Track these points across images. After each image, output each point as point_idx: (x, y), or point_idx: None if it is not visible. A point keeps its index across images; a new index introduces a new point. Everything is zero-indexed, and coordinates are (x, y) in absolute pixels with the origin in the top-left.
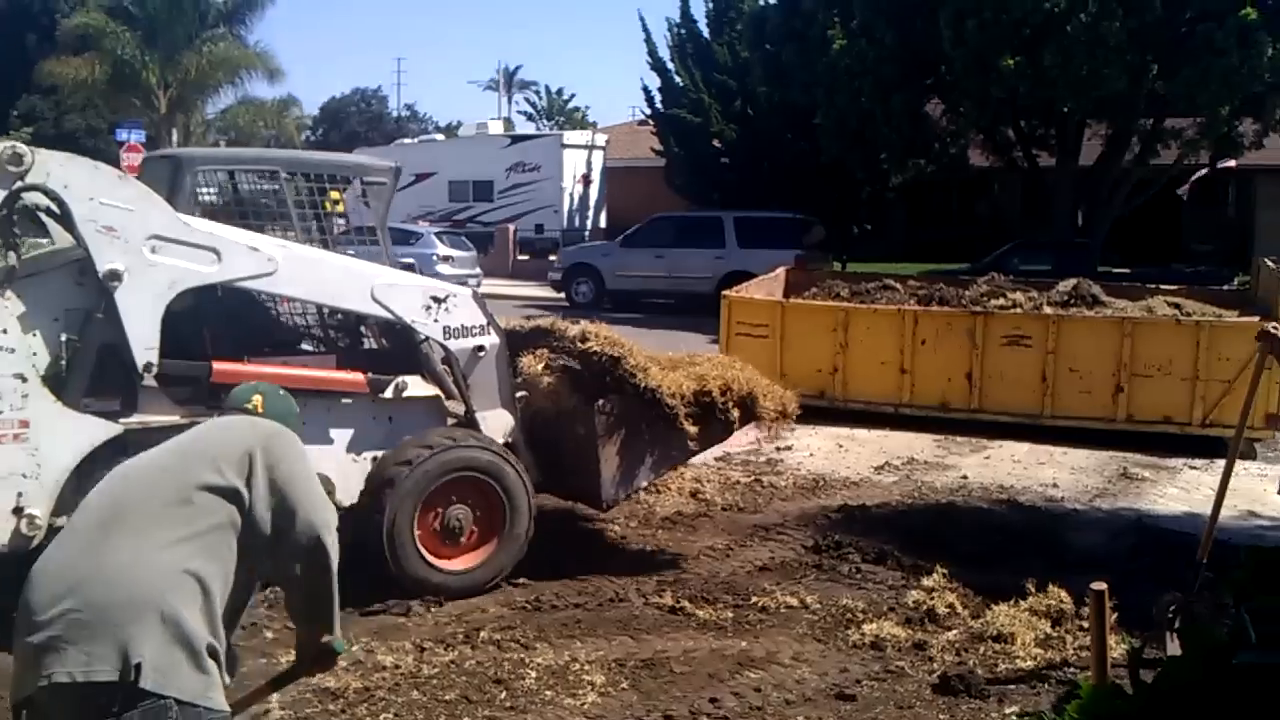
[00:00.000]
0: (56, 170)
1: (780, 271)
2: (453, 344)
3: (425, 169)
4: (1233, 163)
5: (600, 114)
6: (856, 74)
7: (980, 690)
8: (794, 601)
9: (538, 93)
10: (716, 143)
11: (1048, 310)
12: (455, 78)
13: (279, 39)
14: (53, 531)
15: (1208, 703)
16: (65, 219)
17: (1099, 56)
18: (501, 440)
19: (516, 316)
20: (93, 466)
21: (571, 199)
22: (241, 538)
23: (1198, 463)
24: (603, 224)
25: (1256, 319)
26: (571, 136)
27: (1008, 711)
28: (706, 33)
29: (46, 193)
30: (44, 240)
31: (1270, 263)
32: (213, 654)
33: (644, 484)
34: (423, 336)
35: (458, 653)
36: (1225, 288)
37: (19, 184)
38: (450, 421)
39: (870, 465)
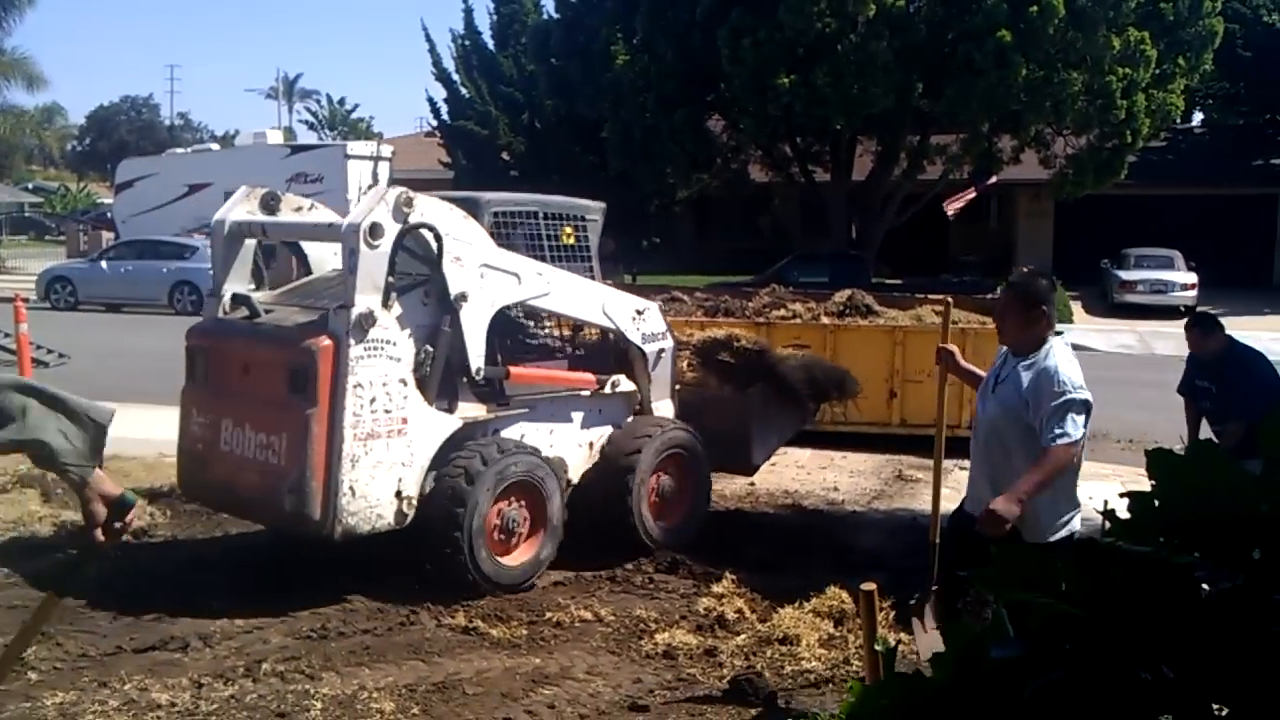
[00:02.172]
0: (429, 211)
1: None
2: (647, 347)
3: (200, 180)
4: (994, 179)
5: (385, 124)
6: (640, 89)
7: (768, 693)
8: (588, 615)
9: (319, 102)
10: (505, 155)
11: (825, 320)
12: (232, 86)
13: (42, 44)
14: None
15: (964, 696)
16: (437, 252)
17: (868, 75)
18: None
19: None
20: (442, 455)
21: None
22: None
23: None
24: None
25: None
26: (356, 147)
27: (791, 717)
28: (491, 45)
29: (430, 229)
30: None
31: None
32: None
33: (777, 449)
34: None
35: (238, 687)
36: (989, 296)
37: (407, 224)
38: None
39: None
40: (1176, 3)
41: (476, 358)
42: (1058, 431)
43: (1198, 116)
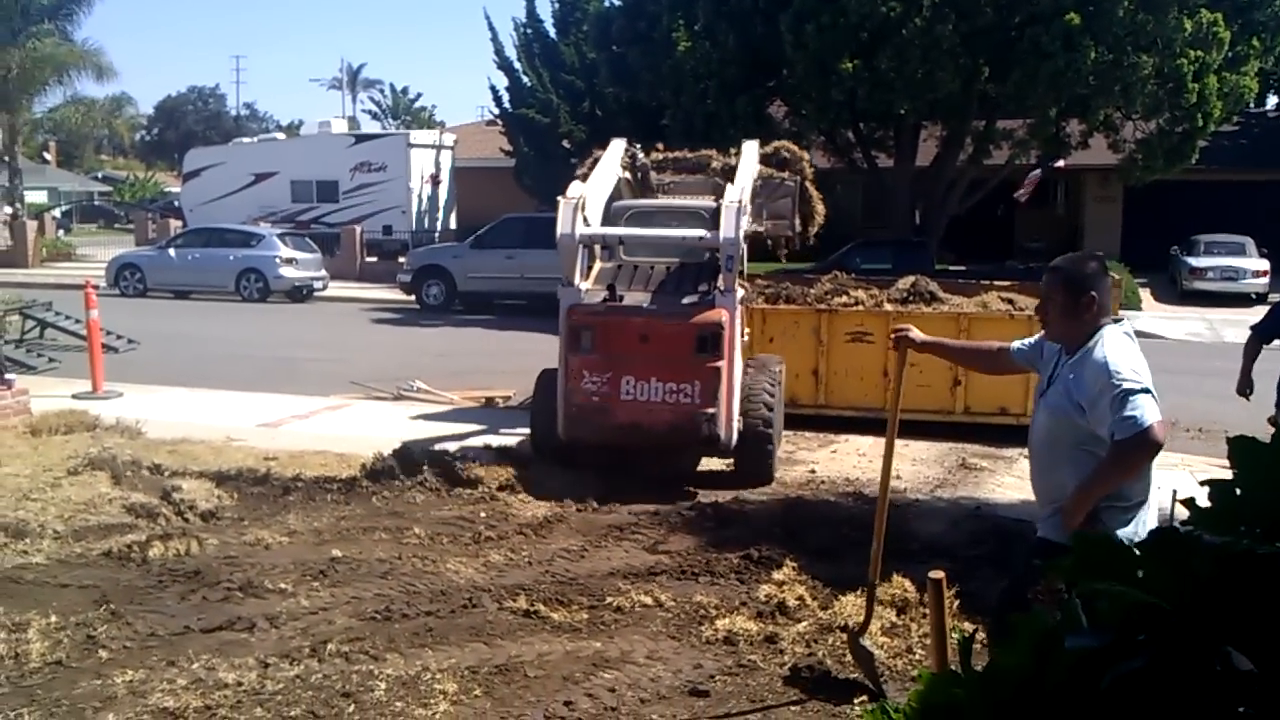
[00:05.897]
0: None
1: None
2: None
3: (266, 169)
4: (1062, 163)
5: (448, 113)
6: (701, 76)
7: (829, 680)
8: (648, 600)
9: (383, 91)
10: (566, 143)
11: (888, 307)
12: (297, 76)
13: (112, 36)
14: None
15: (1040, 686)
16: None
17: (933, 60)
18: None
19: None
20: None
21: (420, 200)
22: None
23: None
24: (453, 225)
25: None
26: (418, 136)
27: (856, 701)
28: (553, 33)
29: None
30: None
31: None
32: None
33: None
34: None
35: (304, 666)
36: None
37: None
38: None
39: (723, 462)
40: None
41: None
42: (1124, 416)
43: (1271, 100)
